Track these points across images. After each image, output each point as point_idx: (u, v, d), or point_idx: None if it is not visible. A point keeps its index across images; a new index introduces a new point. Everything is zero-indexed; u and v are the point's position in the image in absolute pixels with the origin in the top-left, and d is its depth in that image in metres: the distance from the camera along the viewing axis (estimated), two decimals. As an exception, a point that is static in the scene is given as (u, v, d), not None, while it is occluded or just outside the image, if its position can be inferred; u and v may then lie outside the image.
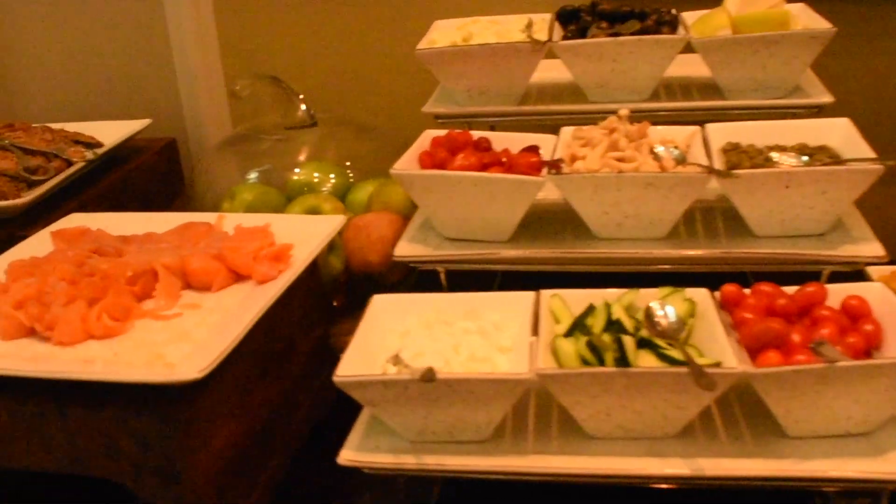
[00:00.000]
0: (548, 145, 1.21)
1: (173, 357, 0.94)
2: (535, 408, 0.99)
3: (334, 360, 1.24)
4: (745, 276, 1.25)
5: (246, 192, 1.40)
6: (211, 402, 0.94)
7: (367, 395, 0.92)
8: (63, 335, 0.99)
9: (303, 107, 1.45)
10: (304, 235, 1.15)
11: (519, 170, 1.13)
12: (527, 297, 1.02)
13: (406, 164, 1.18)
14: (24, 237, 1.25)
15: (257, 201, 1.37)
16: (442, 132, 1.25)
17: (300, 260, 1.09)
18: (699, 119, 1.28)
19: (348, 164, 1.44)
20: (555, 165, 1.10)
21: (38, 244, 1.21)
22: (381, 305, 1.04)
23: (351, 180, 1.42)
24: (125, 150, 1.57)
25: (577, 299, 1.02)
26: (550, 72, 1.40)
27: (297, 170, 1.41)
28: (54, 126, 1.55)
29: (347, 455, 0.93)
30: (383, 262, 1.30)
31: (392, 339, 1.01)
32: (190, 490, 0.92)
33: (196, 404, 0.91)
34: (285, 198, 1.40)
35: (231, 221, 1.22)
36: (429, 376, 0.85)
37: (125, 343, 0.99)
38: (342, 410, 1.19)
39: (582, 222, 1.17)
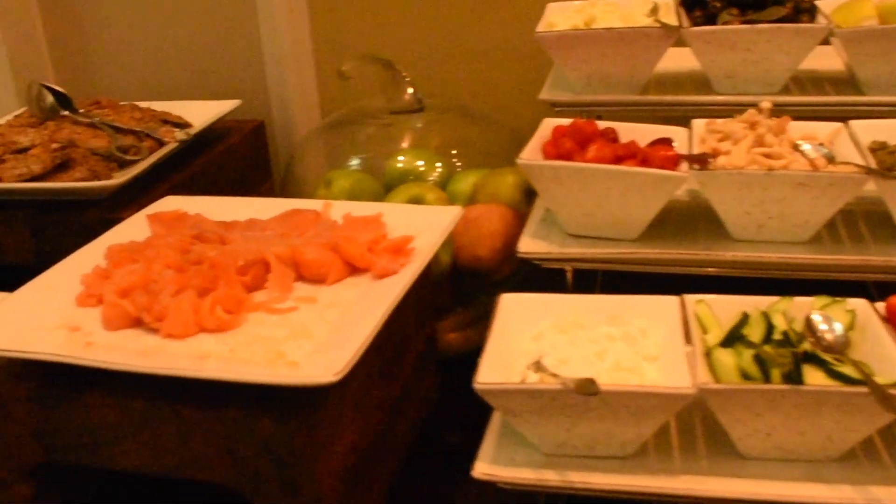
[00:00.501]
0: (678, 138, 1.13)
1: (295, 355, 0.87)
2: (676, 422, 0.92)
3: (439, 359, 1.18)
4: (867, 286, 1.17)
5: (343, 178, 1.32)
6: (335, 404, 0.87)
7: (509, 405, 0.85)
8: (174, 327, 0.92)
9: (410, 90, 1.37)
10: (416, 227, 1.07)
11: (654, 164, 1.05)
12: (671, 301, 0.94)
13: (530, 154, 1.10)
14: (113, 220, 1.19)
15: (356, 189, 1.30)
16: (561, 121, 1.17)
17: (422, 253, 1.02)
18: (828, 115, 1.19)
19: (454, 152, 1.36)
20: (700, 160, 1.02)
21: (132, 228, 1.15)
22: (511, 305, 0.96)
23: (458, 170, 1.34)
24: (212, 133, 1.50)
25: (721, 306, 0.94)
26: (665, 61, 1.31)
27: (400, 157, 1.34)
28: (141, 105, 1.49)
29: (483, 468, 0.86)
30: (493, 257, 1.22)
31: (524, 342, 0.93)
32: (312, 498, 0.85)
33: (320, 407, 0.84)
34: (383, 186, 1.33)
35: (337, 210, 1.15)
36: (589, 388, 0.77)
37: (239, 338, 0.92)
38: (441, 411, 1.14)
39: (713, 221, 1.08)
